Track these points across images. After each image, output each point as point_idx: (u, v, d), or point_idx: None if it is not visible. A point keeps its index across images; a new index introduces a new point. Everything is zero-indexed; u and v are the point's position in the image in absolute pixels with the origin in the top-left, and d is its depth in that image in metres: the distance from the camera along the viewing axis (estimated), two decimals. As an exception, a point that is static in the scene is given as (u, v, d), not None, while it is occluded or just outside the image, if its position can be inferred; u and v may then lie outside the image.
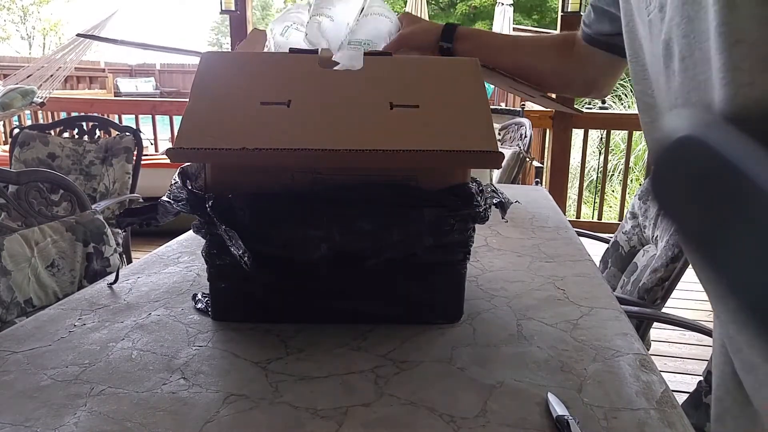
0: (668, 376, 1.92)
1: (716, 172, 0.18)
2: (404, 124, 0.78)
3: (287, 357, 0.76)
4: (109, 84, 10.76)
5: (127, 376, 0.71)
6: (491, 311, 0.91)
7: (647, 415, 0.64)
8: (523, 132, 2.69)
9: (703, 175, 0.19)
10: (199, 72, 0.84)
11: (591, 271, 1.10)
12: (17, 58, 10.16)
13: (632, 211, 1.67)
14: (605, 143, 4.04)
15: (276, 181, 0.79)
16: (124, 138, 2.66)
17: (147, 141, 4.07)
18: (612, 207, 5.60)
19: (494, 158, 0.76)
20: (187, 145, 0.74)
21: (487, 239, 1.28)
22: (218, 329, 0.84)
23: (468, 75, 0.87)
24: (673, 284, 1.36)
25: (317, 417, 0.63)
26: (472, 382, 0.70)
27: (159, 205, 0.81)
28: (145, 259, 1.15)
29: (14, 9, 18.88)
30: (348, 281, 0.83)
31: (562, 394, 0.67)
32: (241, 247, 0.75)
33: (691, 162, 0.19)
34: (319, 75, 0.85)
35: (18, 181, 1.29)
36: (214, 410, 0.64)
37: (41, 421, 0.62)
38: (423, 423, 0.62)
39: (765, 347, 0.18)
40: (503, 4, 7.58)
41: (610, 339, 0.82)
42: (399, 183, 0.79)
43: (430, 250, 0.81)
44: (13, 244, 1.20)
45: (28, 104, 4.07)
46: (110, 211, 2.49)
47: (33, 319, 0.88)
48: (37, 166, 2.57)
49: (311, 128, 0.77)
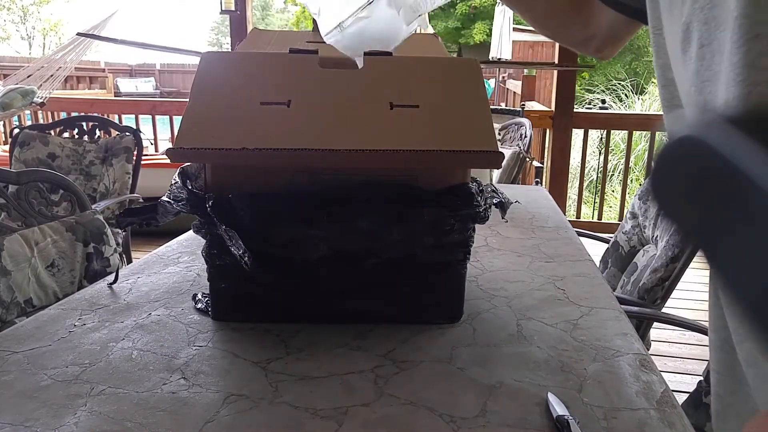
0: (668, 376, 1.92)
1: (716, 172, 0.18)
2: (404, 124, 0.78)
3: (287, 357, 0.76)
4: (109, 84, 10.76)
5: (127, 376, 0.71)
6: (491, 311, 0.91)
7: (647, 415, 0.64)
8: (523, 132, 2.70)
9: (703, 175, 0.19)
10: (199, 72, 0.84)
11: (591, 271, 1.10)
12: (17, 58, 10.16)
13: (632, 211, 1.67)
14: (605, 143, 4.04)
15: (276, 181, 0.79)
16: (124, 138, 2.66)
17: (147, 141, 4.07)
18: (612, 207, 5.61)
19: (494, 158, 0.76)
20: (187, 145, 0.74)
21: (487, 239, 1.28)
22: (218, 329, 0.84)
23: (468, 75, 0.87)
24: (673, 284, 1.36)
25: (317, 417, 0.63)
26: (472, 382, 0.70)
27: (159, 205, 0.81)
28: (145, 259, 1.15)
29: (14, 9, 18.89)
30: (348, 281, 0.83)
31: (562, 394, 0.67)
32: (241, 247, 0.75)
33: (691, 162, 0.19)
34: (319, 75, 0.85)
35: (18, 181, 1.29)
36: (214, 410, 0.64)
37: (41, 421, 0.62)
38: (423, 423, 0.62)
39: (766, 347, 0.18)
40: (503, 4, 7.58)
41: (610, 339, 0.82)
42: (399, 183, 0.79)
43: (430, 250, 0.81)
44: (13, 244, 1.20)
45: (29, 104, 4.07)
46: (110, 211, 2.49)
47: (33, 319, 0.88)
48: (37, 166, 2.57)
49: (311, 128, 0.77)
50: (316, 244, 0.78)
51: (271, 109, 0.79)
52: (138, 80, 12.75)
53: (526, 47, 12.27)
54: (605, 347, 0.79)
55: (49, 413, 0.63)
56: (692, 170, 0.19)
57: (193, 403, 0.65)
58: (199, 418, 0.63)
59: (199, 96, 0.81)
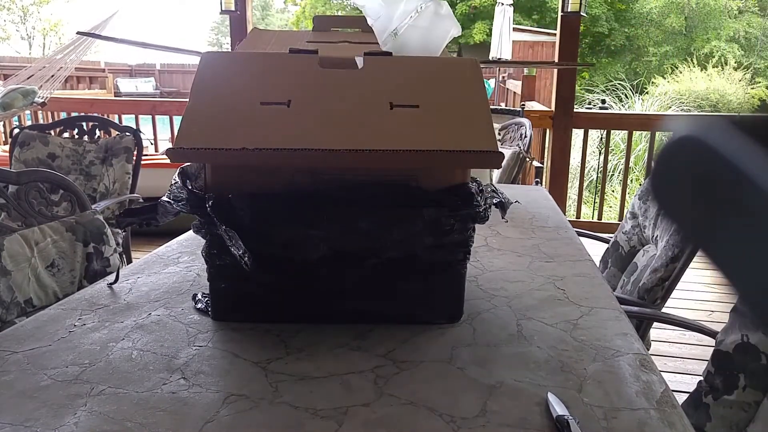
0: (668, 376, 1.92)
1: (716, 172, 0.18)
2: (404, 124, 0.78)
3: (287, 357, 0.76)
4: (109, 84, 10.76)
5: (127, 376, 0.71)
6: (491, 311, 0.90)
7: (647, 415, 0.64)
8: (523, 132, 2.69)
9: (703, 175, 0.19)
10: (199, 72, 0.84)
11: (591, 271, 1.10)
12: (17, 59, 10.15)
13: (632, 211, 1.67)
14: (605, 143, 4.04)
15: (276, 181, 0.79)
16: (124, 138, 2.65)
17: (147, 141, 4.07)
18: (612, 207, 5.60)
19: (494, 158, 0.76)
20: (187, 145, 0.74)
21: (487, 239, 1.28)
22: (218, 329, 0.84)
23: (468, 75, 0.87)
24: (673, 284, 1.36)
25: (317, 417, 0.63)
26: (472, 382, 0.70)
27: (159, 205, 0.81)
28: (145, 259, 1.15)
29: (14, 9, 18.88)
30: (348, 281, 0.83)
31: (562, 394, 0.67)
32: (241, 247, 0.75)
33: (691, 162, 0.19)
34: (319, 75, 0.85)
35: (18, 181, 1.29)
36: (214, 410, 0.64)
37: (41, 421, 0.62)
38: (423, 423, 0.62)
39: None
40: (503, 4, 7.57)
41: (610, 339, 0.82)
42: (399, 183, 0.79)
43: (430, 250, 0.81)
44: (13, 244, 1.20)
45: (29, 104, 4.07)
46: (110, 211, 2.49)
47: (33, 319, 0.88)
48: (37, 166, 2.56)
49: (311, 128, 0.77)
50: (316, 244, 0.78)
51: (271, 109, 0.79)
52: (138, 80, 12.74)
53: (526, 47, 12.27)
54: (605, 347, 0.79)
55: (49, 413, 0.63)
56: (692, 170, 0.19)
57: (193, 403, 0.65)
58: (199, 418, 0.63)
59: (199, 96, 0.81)
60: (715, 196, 0.18)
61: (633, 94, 9.15)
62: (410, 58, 0.93)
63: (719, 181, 0.18)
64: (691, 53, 14.29)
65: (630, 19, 15.70)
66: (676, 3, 15.15)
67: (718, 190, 0.18)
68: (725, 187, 0.18)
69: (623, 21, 15.58)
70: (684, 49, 15.14)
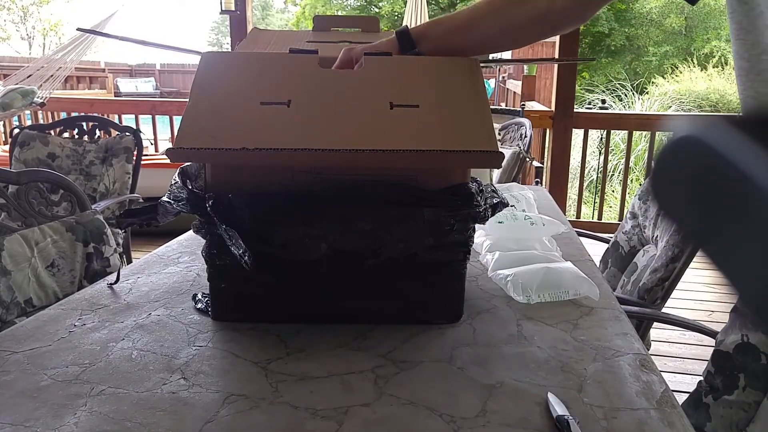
0: (668, 376, 1.92)
1: (716, 172, 0.18)
2: (404, 124, 0.78)
3: (287, 357, 0.76)
4: (109, 84, 10.75)
5: (127, 376, 0.71)
6: (491, 311, 0.90)
7: (647, 415, 0.64)
8: (523, 132, 2.69)
9: (703, 175, 0.19)
10: (199, 72, 0.84)
11: (591, 271, 1.10)
12: (17, 58, 10.15)
13: (632, 211, 1.67)
14: (605, 143, 4.04)
15: (276, 181, 0.79)
16: (124, 138, 2.65)
17: (147, 141, 4.07)
18: (612, 207, 5.60)
19: (494, 158, 0.76)
20: (187, 145, 0.74)
21: (487, 239, 1.28)
22: (218, 329, 0.84)
23: (468, 75, 0.87)
24: (673, 284, 1.36)
25: (317, 417, 0.63)
26: (472, 382, 0.70)
27: (159, 205, 0.81)
28: (145, 259, 1.15)
29: (14, 9, 18.87)
30: (348, 281, 0.83)
31: (562, 394, 0.67)
32: (241, 247, 0.75)
33: (691, 162, 0.19)
34: (319, 75, 0.85)
35: (18, 181, 1.29)
36: (214, 410, 0.64)
37: (41, 421, 0.62)
38: (423, 423, 0.62)
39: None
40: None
41: (610, 339, 0.82)
42: (399, 183, 0.79)
43: (430, 250, 0.81)
44: (13, 244, 1.20)
45: (29, 104, 4.06)
46: (110, 211, 2.49)
47: (33, 319, 0.88)
48: (37, 166, 2.56)
49: (311, 128, 0.77)
50: (316, 244, 0.78)
51: (271, 109, 0.79)
52: (138, 80, 12.74)
53: (526, 47, 12.25)
54: (605, 347, 0.79)
55: (49, 413, 0.63)
56: (692, 170, 0.19)
57: (193, 403, 0.65)
58: (199, 418, 0.63)
59: (199, 96, 0.81)
60: (715, 196, 0.18)
61: (633, 94, 9.15)
62: (410, 58, 0.93)
63: (719, 181, 0.18)
64: (691, 53, 14.29)
65: (630, 19, 15.70)
66: (676, 3, 15.15)
67: (718, 190, 0.18)
68: (725, 187, 0.18)
69: (623, 21, 15.58)
70: (684, 49, 15.14)
